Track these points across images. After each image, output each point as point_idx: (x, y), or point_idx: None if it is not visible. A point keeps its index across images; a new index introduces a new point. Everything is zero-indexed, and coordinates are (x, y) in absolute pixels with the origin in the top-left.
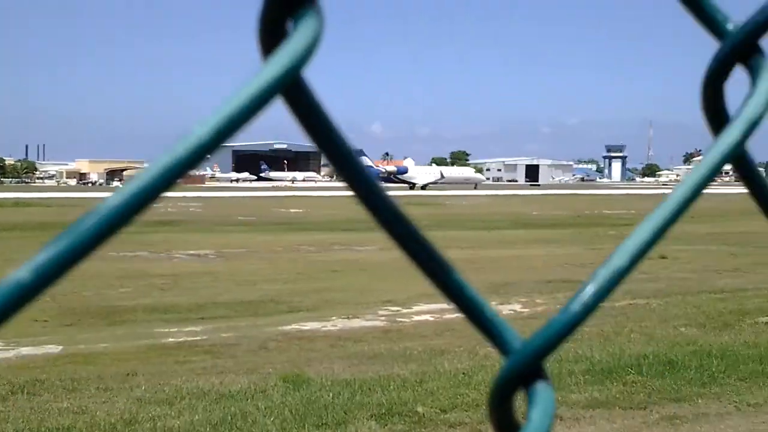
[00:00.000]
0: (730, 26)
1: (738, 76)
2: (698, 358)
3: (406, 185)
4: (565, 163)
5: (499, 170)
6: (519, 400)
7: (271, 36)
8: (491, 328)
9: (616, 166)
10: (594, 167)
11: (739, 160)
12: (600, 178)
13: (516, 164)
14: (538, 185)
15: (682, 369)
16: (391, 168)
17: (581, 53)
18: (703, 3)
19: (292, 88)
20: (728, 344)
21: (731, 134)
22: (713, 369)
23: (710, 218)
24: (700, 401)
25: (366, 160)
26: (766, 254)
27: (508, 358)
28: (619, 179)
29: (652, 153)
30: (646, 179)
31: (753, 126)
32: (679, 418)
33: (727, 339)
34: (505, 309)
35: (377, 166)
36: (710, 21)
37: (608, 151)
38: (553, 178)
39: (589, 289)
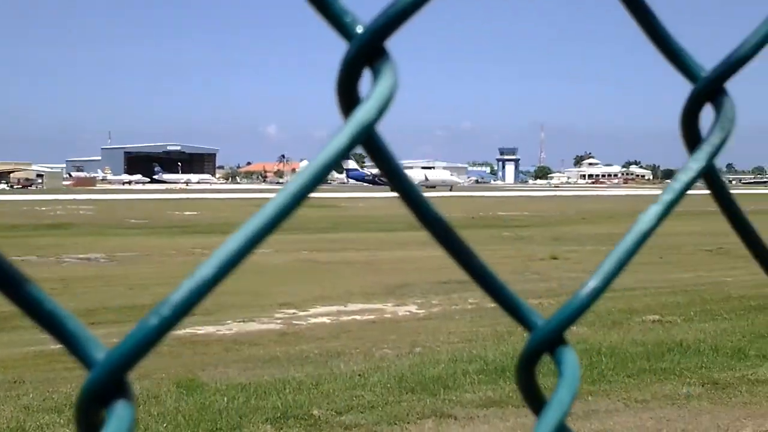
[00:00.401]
0: (702, 72)
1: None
2: (588, 357)
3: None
4: (459, 165)
5: None
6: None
7: (350, 84)
8: (516, 308)
9: (510, 168)
10: (488, 170)
11: (708, 178)
12: (494, 181)
13: (411, 167)
14: (434, 187)
15: None
16: (377, 171)
17: (474, 57)
18: (680, 54)
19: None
20: (617, 342)
21: (698, 159)
22: (603, 367)
23: (601, 219)
24: (590, 398)
25: (350, 163)
26: (652, 254)
27: (532, 333)
28: (512, 181)
29: (544, 156)
30: (539, 181)
31: (715, 154)
32: (569, 416)
33: (616, 337)
34: (401, 310)
35: (362, 169)
36: (685, 68)
37: (501, 153)
38: None
39: (601, 270)
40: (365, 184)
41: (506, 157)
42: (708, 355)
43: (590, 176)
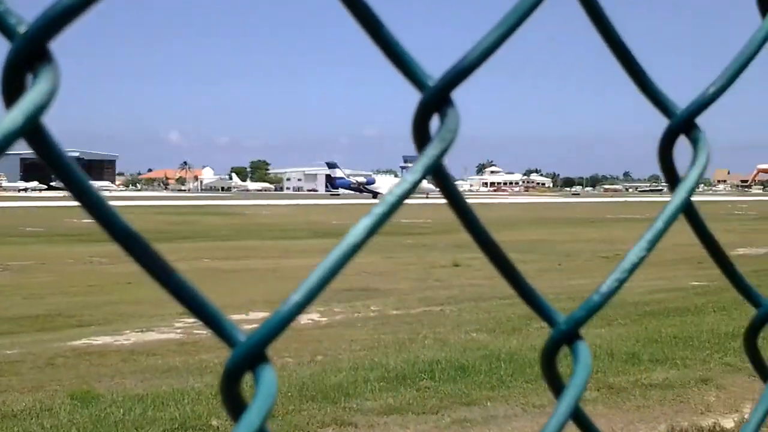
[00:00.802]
0: (676, 110)
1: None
2: (488, 363)
3: (370, 194)
4: (364, 172)
5: (300, 179)
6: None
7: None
8: (540, 307)
9: None
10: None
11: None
12: None
13: (316, 174)
14: (338, 194)
15: (473, 373)
16: (362, 179)
17: (377, 63)
18: (656, 92)
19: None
20: (516, 348)
21: (683, 190)
22: (502, 372)
23: (501, 227)
24: (489, 404)
25: (338, 172)
26: (551, 260)
27: (554, 329)
28: None
29: (447, 163)
30: None
31: (694, 187)
32: (469, 422)
33: (515, 343)
34: (303, 318)
35: (347, 177)
36: (661, 104)
37: (405, 161)
38: None
39: (613, 276)
40: (351, 191)
41: (410, 164)
42: (604, 359)
43: (492, 184)
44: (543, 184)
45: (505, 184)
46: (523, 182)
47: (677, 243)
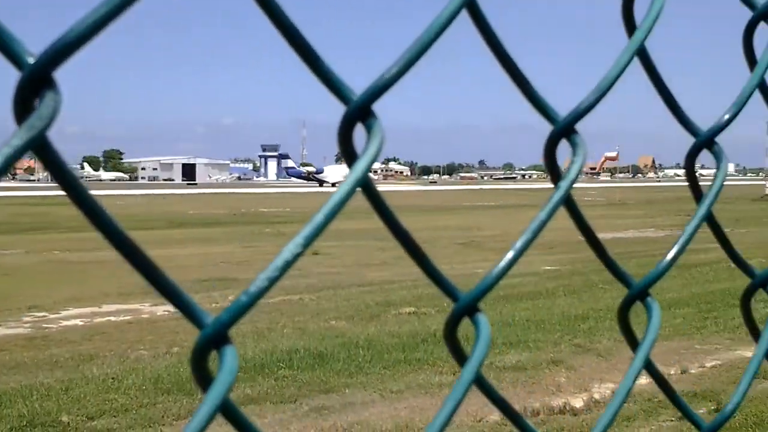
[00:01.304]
0: (558, 117)
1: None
2: (347, 350)
3: (317, 183)
4: (221, 162)
5: (155, 169)
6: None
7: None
8: (445, 285)
9: (272, 165)
10: (251, 166)
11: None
12: (257, 177)
13: (172, 163)
14: (196, 184)
15: (331, 361)
16: (311, 169)
17: (238, 53)
18: (540, 100)
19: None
20: (374, 335)
21: (564, 185)
22: (360, 359)
23: (360, 215)
24: (347, 391)
25: (289, 162)
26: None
27: (456, 303)
28: (275, 178)
29: (306, 152)
30: None
31: (574, 181)
32: (327, 409)
33: (373, 330)
34: (159, 310)
35: (300, 167)
36: (544, 111)
37: (264, 150)
38: (210, 177)
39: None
40: (302, 180)
41: (269, 153)
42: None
43: None
44: (401, 172)
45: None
46: (382, 171)
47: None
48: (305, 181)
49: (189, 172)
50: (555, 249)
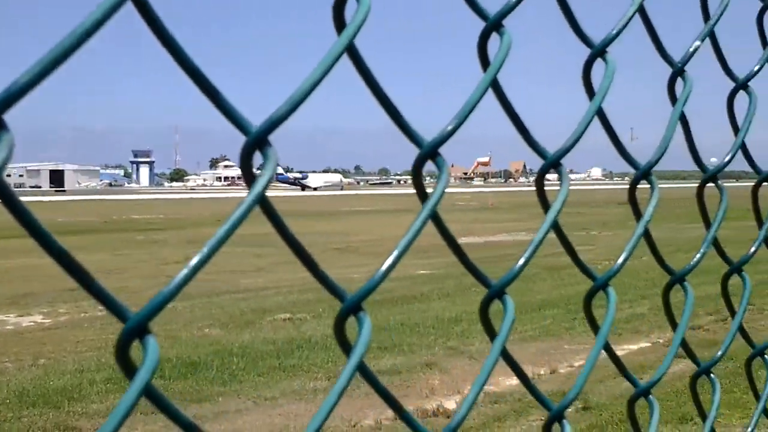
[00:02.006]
0: (423, 141)
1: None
2: (220, 358)
3: (299, 187)
4: (91, 168)
5: (21, 176)
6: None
7: None
8: (331, 286)
9: (144, 171)
10: (122, 172)
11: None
12: (129, 183)
13: (39, 169)
14: (64, 191)
15: (204, 369)
16: (297, 175)
17: (108, 55)
18: (407, 127)
19: None
20: (249, 342)
21: (431, 202)
22: (234, 367)
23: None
24: (220, 399)
25: (279, 169)
26: (286, 253)
27: (343, 303)
28: (147, 184)
29: (179, 158)
30: (175, 184)
31: (439, 200)
32: (200, 418)
33: (248, 337)
34: (25, 321)
35: (285, 173)
36: (412, 137)
37: (135, 156)
38: (80, 184)
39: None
40: (289, 185)
41: (140, 159)
42: (334, 350)
43: (226, 178)
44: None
45: (239, 178)
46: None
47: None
48: (291, 186)
49: (57, 178)
50: (429, 253)
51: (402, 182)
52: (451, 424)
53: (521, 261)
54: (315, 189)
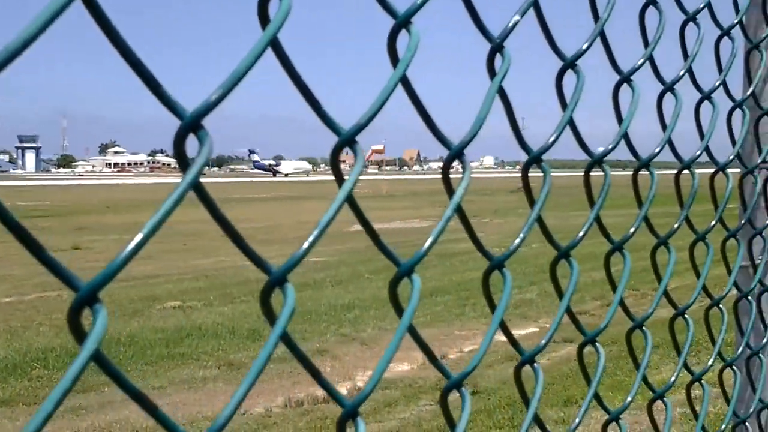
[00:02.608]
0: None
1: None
2: (107, 347)
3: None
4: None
5: None
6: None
7: None
8: (257, 260)
9: (30, 156)
10: (6, 158)
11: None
12: (14, 169)
13: None
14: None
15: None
16: (273, 162)
17: None
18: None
19: None
20: (137, 330)
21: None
22: (121, 356)
23: (125, 208)
24: (106, 389)
25: (255, 156)
26: (176, 240)
27: (270, 276)
28: (33, 170)
29: (67, 144)
30: (62, 170)
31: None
32: (84, 409)
33: (136, 325)
34: None
35: (261, 161)
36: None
37: (21, 141)
38: None
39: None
40: (263, 171)
41: (26, 144)
42: (225, 337)
43: (116, 164)
44: (169, 164)
45: (129, 164)
46: (149, 163)
47: (301, 221)
48: (265, 172)
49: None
50: (324, 240)
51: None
52: (361, 396)
53: (427, 243)
54: (286, 175)
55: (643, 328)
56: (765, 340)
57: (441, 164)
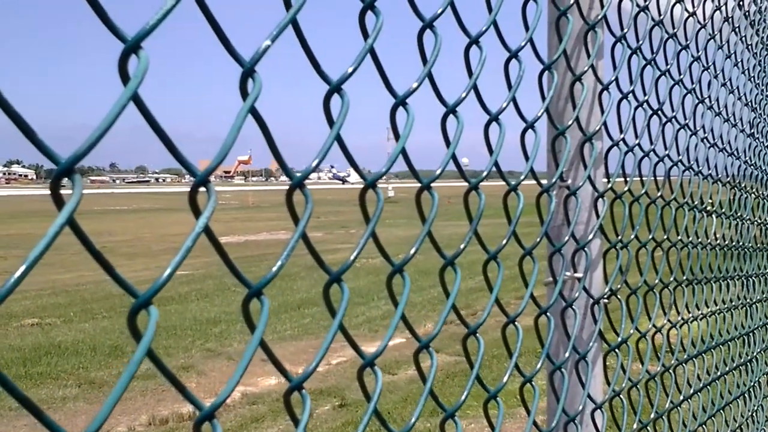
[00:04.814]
0: None
1: None
2: None
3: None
4: None
5: None
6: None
7: None
8: (123, 283)
9: None
10: None
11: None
12: None
13: None
14: None
15: None
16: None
17: None
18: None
19: None
20: None
21: None
22: None
23: None
24: None
25: (334, 170)
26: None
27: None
28: None
29: None
30: None
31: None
32: None
33: None
34: None
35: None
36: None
37: None
38: None
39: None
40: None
41: None
42: (86, 354)
43: None
44: (26, 176)
45: None
46: (5, 174)
47: (165, 233)
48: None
49: None
50: (191, 253)
51: (161, 180)
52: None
53: (279, 262)
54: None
55: (477, 335)
56: (567, 354)
57: (319, 175)
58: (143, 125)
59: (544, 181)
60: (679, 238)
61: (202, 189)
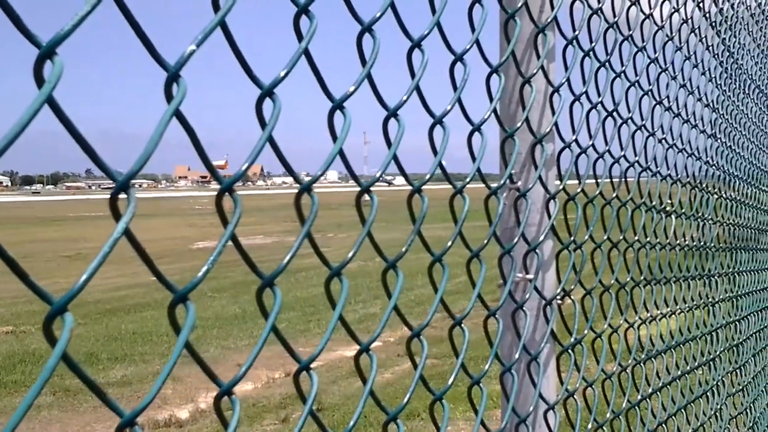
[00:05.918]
0: None
1: None
2: None
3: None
4: None
5: None
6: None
7: None
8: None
9: None
10: None
11: None
12: None
13: None
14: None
15: None
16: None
17: None
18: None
19: None
20: None
21: None
22: None
23: None
24: None
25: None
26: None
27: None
28: None
29: None
30: None
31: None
32: None
33: None
34: None
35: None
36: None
37: None
38: None
39: None
40: None
41: None
42: (59, 363)
43: None
44: (1, 182)
45: None
46: None
47: (144, 239)
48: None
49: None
50: (164, 259)
51: (137, 186)
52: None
53: (201, 273)
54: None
55: (421, 337)
56: (518, 355)
57: (285, 179)
58: (112, 130)
59: (495, 184)
60: (636, 238)
61: (123, 195)
